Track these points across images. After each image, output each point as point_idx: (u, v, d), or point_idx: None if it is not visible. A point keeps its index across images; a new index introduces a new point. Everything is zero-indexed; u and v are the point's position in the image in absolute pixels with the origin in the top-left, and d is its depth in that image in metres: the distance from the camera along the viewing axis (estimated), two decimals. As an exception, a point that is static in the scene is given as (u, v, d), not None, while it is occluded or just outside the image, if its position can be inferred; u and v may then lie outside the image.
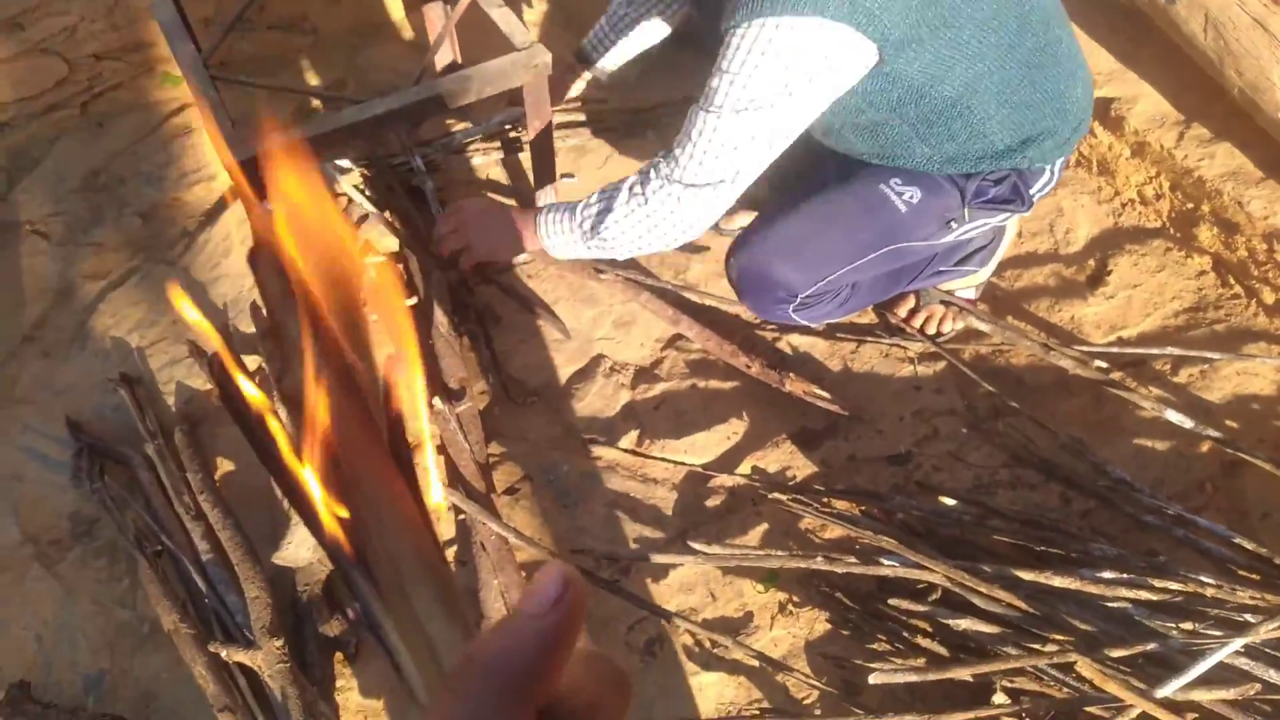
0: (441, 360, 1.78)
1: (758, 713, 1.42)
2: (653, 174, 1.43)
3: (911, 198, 1.52)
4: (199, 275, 2.07)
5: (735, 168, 1.37)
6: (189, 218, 2.20)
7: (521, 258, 2.02)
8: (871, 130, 1.51)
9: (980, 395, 1.76)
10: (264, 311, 1.86)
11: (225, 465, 1.72)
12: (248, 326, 1.90)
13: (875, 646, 1.47)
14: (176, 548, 1.57)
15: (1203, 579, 1.37)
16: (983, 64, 1.37)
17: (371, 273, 0.37)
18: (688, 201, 1.40)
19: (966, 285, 1.86)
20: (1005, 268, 1.95)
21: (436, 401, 1.68)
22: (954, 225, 1.58)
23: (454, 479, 1.66)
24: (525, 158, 2.20)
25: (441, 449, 1.71)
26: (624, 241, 1.50)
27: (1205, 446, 1.66)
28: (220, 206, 2.14)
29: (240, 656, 1.41)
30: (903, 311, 1.85)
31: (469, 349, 1.85)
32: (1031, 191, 1.56)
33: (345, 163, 2.08)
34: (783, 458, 1.73)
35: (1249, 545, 1.46)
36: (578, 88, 2.02)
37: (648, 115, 2.25)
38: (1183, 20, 2.08)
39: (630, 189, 1.46)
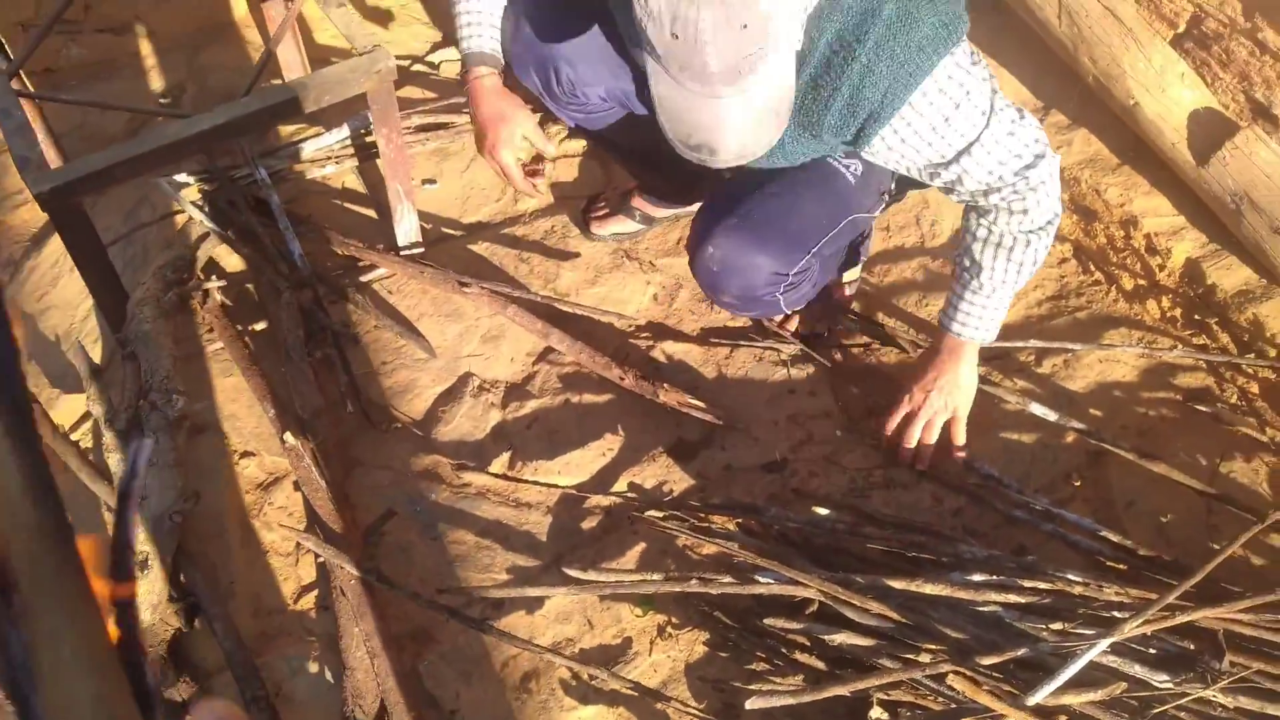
0: (293, 388, 1.68)
1: (636, 747, 1.38)
2: (1016, 181, 1.37)
3: (856, 169, 1.55)
4: (26, 306, 1.90)
5: (1020, 113, 1.38)
6: (14, 243, 2.03)
7: (379, 272, 1.92)
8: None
9: (853, 396, 1.75)
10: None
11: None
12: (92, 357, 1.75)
13: (754, 666, 1.44)
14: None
15: (1070, 577, 1.38)
16: None
17: None
18: (1050, 158, 1.38)
19: (851, 277, 1.85)
20: (874, 263, 1.94)
21: (288, 437, 1.57)
22: (885, 197, 1.63)
23: (310, 520, 1.56)
24: (383, 163, 2.09)
25: (297, 487, 1.61)
26: (1050, 231, 1.45)
27: (1070, 437, 1.68)
28: (47, 231, 1.97)
29: (74, 735, 1.29)
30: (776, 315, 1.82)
31: (325, 374, 1.75)
32: None
33: (182, 178, 1.94)
34: (659, 472, 1.68)
35: (1114, 538, 1.49)
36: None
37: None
38: (1037, 6, 2.10)
39: (1010, 204, 1.39)
